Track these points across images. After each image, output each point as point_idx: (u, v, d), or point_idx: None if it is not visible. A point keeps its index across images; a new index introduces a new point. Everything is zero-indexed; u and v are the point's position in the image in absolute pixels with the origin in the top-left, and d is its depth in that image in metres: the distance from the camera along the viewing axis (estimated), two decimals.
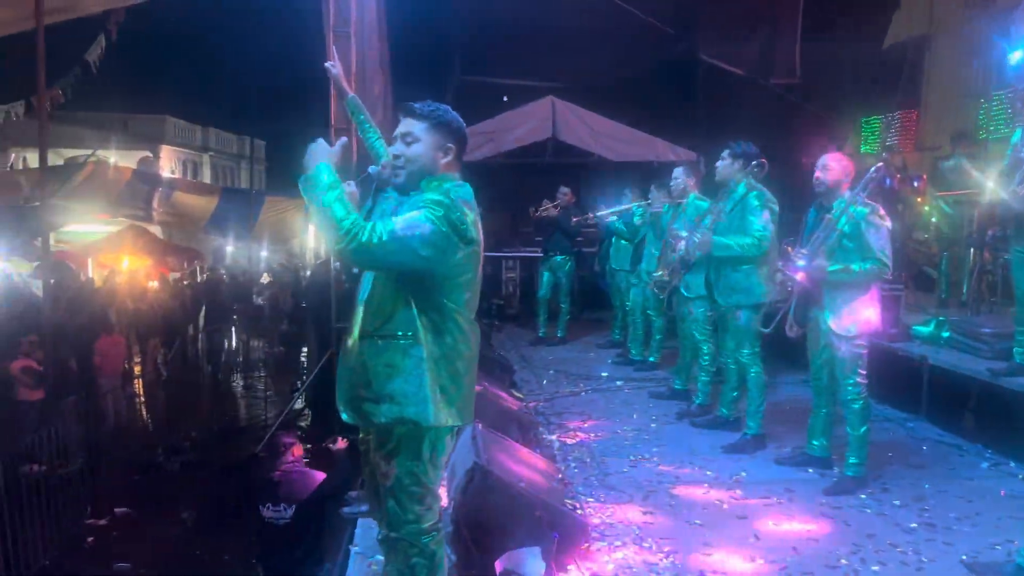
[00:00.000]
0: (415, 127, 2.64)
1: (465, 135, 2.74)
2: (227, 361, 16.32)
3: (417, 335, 2.56)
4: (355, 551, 3.76)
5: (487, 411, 4.53)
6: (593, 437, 5.53)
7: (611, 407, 6.38)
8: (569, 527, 3.56)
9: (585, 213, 8.76)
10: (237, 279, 19.66)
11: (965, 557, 3.63)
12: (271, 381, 15.15)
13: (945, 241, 8.10)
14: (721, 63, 11.75)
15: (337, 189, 2.47)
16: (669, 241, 5.93)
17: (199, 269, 20.13)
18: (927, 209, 8.43)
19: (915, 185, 8.54)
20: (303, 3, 9.64)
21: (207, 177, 32.14)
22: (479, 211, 2.65)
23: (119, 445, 10.32)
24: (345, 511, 4.45)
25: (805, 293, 4.43)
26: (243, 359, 17.33)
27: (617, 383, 7.16)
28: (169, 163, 29.33)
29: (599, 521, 4.03)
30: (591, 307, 10.91)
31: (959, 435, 5.48)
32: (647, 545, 3.76)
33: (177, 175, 27.74)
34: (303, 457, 7.85)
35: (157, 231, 19.05)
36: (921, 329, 6.51)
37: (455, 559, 3.25)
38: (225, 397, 14.77)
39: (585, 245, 10.61)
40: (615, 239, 8.27)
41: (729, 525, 4.02)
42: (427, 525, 2.66)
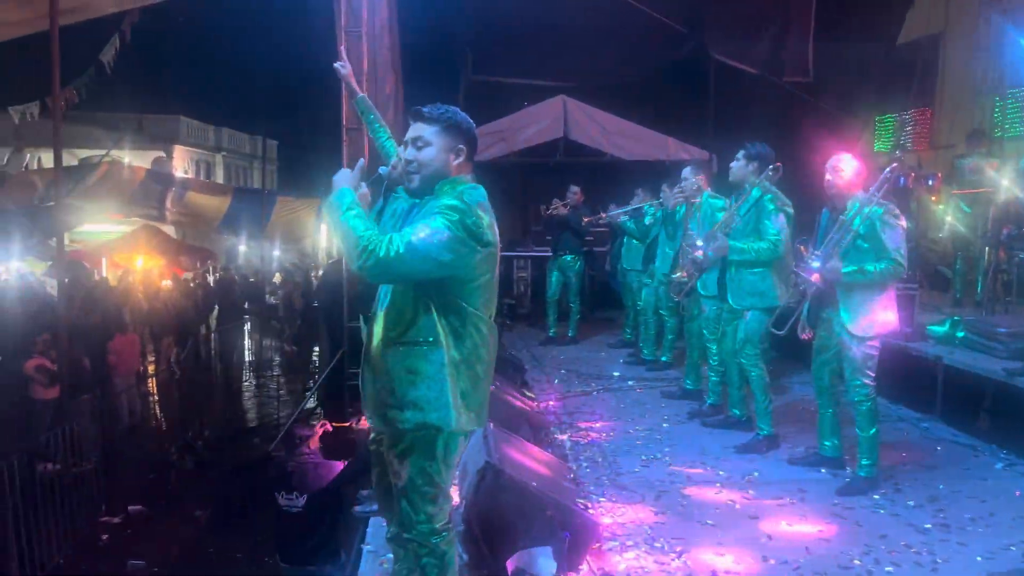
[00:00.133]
0: (425, 131, 2.63)
1: (475, 136, 2.72)
2: (240, 360, 16.40)
3: (438, 340, 2.56)
4: (367, 549, 3.78)
5: (499, 410, 4.53)
6: (604, 437, 5.52)
7: (623, 407, 6.37)
8: (580, 527, 3.55)
9: (596, 212, 8.73)
10: (249, 278, 19.75)
11: (980, 558, 3.60)
12: (284, 380, 15.22)
13: (960, 240, 8.04)
14: (732, 61, 11.68)
15: (355, 209, 2.48)
16: (684, 248, 5.89)
17: (212, 268, 20.24)
18: (941, 208, 8.38)
19: (929, 184, 8.48)
20: (315, 3, 9.67)
21: (220, 177, 32.29)
22: (494, 212, 2.65)
23: (133, 444, 10.40)
24: (357, 510, 4.47)
25: (819, 295, 4.41)
26: (256, 358, 17.42)
27: (629, 383, 7.14)
28: (182, 163, 29.47)
29: (611, 521, 4.03)
30: (602, 306, 10.89)
31: (974, 435, 5.45)
32: (659, 545, 3.75)
33: (190, 175, 27.88)
34: (319, 449, 7.90)
35: (170, 231, 19.17)
36: (936, 329, 6.47)
37: (466, 558, 3.26)
38: (238, 396, 14.85)
39: (597, 244, 10.59)
40: (627, 239, 8.25)
41: (741, 525, 4.01)
42: (438, 525, 2.67)
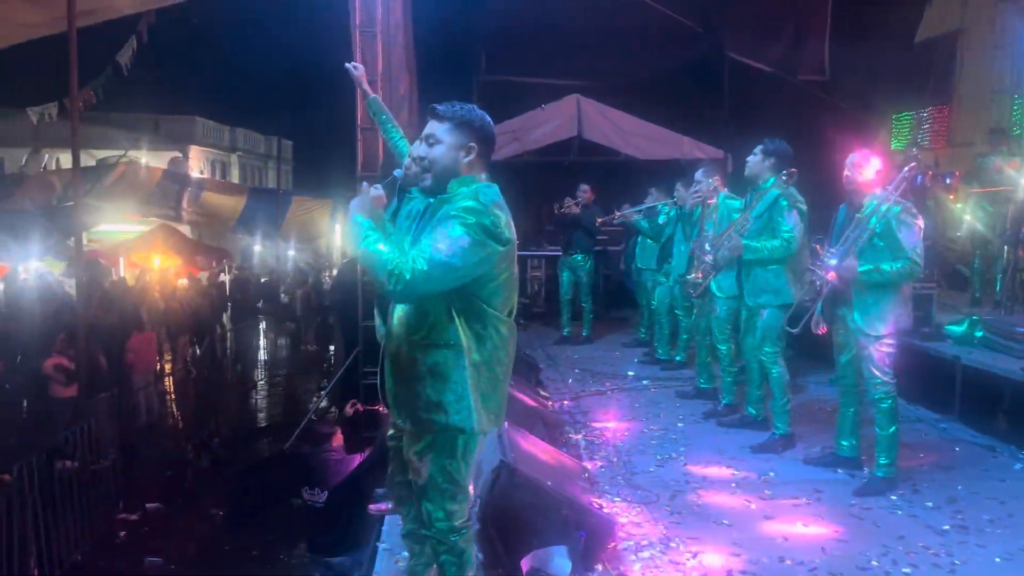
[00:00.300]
0: (438, 128, 2.64)
1: (489, 134, 2.69)
2: (255, 359, 16.50)
3: (460, 343, 2.56)
4: (382, 547, 3.79)
5: (513, 409, 4.52)
6: (619, 436, 5.51)
7: (637, 406, 6.35)
8: (595, 526, 3.55)
9: (608, 211, 8.70)
10: (261, 279, 19.86)
11: (999, 559, 3.57)
12: (299, 379, 15.30)
13: (979, 239, 7.97)
14: (748, 60, 11.62)
15: (373, 235, 2.48)
16: (696, 251, 5.87)
17: (227, 268, 20.37)
18: (959, 206, 8.31)
19: (947, 182, 8.41)
20: (330, 2, 9.70)
21: (235, 177, 32.48)
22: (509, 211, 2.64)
23: (150, 442, 10.48)
24: (372, 508, 4.48)
25: (834, 292, 4.39)
26: (271, 357, 17.52)
27: (643, 382, 7.12)
28: (198, 163, 29.67)
29: (626, 520, 4.01)
30: (617, 306, 10.87)
31: (992, 436, 5.39)
32: (674, 545, 3.74)
33: (206, 175, 28.05)
34: (344, 437, 7.95)
35: (187, 230, 19.30)
36: (954, 328, 6.42)
37: (482, 557, 3.26)
38: (254, 395, 14.93)
39: (611, 243, 10.57)
40: (641, 238, 8.23)
41: (757, 526, 3.99)
42: (458, 523, 2.67)
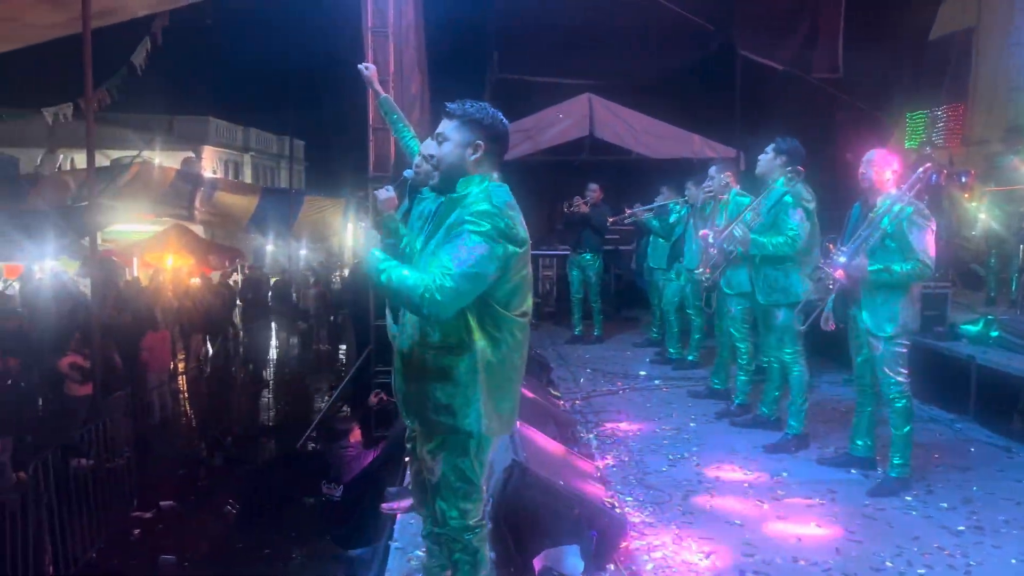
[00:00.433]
0: (446, 126, 2.64)
1: (499, 132, 2.66)
2: (267, 358, 16.57)
3: (474, 346, 2.56)
4: (395, 546, 3.80)
5: (525, 409, 4.51)
6: (631, 436, 5.50)
7: (649, 406, 6.34)
8: (608, 525, 3.55)
9: (618, 210, 8.68)
10: (278, 277, 19.95)
11: (1015, 560, 3.55)
12: (312, 378, 15.35)
13: (994, 238, 7.91)
14: (760, 58, 11.56)
15: (389, 265, 2.48)
16: (702, 243, 5.84)
17: (241, 267, 20.47)
18: (974, 205, 8.24)
19: (962, 181, 8.34)
20: (342, 3, 9.72)
21: (248, 177, 32.61)
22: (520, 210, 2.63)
23: (164, 440, 10.55)
24: (384, 507, 4.48)
25: (845, 292, 4.37)
26: (283, 356, 17.58)
27: (655, 382, 7.11)
28: (211, 163, 29.80)
29: (638, 520, 4.01)
30: (628, 305, 10.85)
31: (1008, 436, 5.35)
32: (686, 545, 3.73)
33: (219, 175, 28.17)
34: (362, 432, 7.99)
35: (200, 230, 19.39)
36: (969, 328, 6.38)
37: (494, 556, 3.26)
38: (266, 393, 15.00)
39: (623, 243, 10.54)
40: (653, 237, 8.21)
41: (770, 526, 3.97)
42: (471, 522, 2.68)
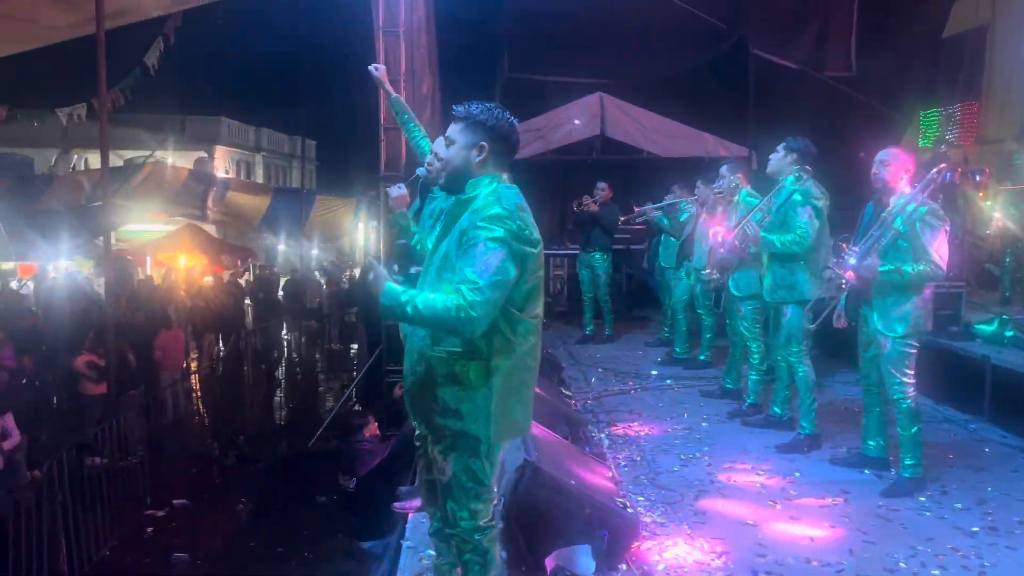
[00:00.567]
0: (453, 129, 2.66)
1: (504, 134, 2.64)
2: (280, 357, 16.63)
3: (487, 349, 2.56)
4: (406, 545, 3.80)
5: (536, 409, 4.50)
6: (643, 436, 5.49)
7: (661, 406, 6.32)
8: (619, 525, 3.54)
9: (627, 209, 8.65)
10: (288, 276, 20.02)
11: None
12: (323, 377, 15.40)
13: (1009, 237, 7.86)
14: (773, 57, 11.52)
15: (411, 293, 2.47)
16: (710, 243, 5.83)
17: (253, 267, 20.55)
18: (989, 204, 8.19)
19: (976, 179, 8.28)
20: (353, 3, 9.75)
21: (260, 177, 32.71)
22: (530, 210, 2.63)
23: (177, 438, 10.61)
24: (396, 507, 4.49)
25: (855, 290, 4.34)
26: (296, 355, 17.64)
27: (667, 381, 7.09)
28: (223, 163, 29.92)
29: (650, 520, 4.00)
30: (639, 304, 10.83)
31: (1023, 437, 5.30)
32: (698, 545, 3.72)
33: (231, 175, 28.29)
34: (379, 426, 8.03)
35: (212, 230, 19.49)
36: (983, 328, 6.34)
37: (505, 556, 3.26)
38: (278, 392, 15.06)
39: (634, 242, 10.52)
40: (664, 236, 8.19)
41: (783, 527, 3.96)
42: (482, 522, 2.68)
